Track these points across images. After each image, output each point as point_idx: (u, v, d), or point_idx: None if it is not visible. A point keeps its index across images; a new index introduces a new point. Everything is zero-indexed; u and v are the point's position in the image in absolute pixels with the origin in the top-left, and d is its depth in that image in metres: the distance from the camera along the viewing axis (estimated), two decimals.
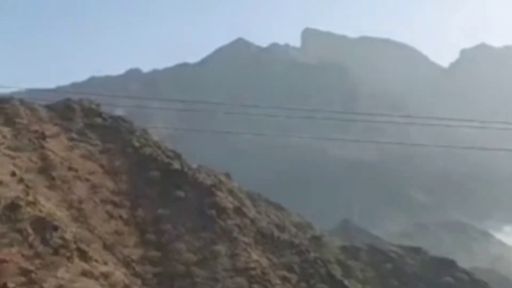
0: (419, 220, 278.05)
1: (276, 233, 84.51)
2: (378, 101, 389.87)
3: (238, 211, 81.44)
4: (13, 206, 60.81)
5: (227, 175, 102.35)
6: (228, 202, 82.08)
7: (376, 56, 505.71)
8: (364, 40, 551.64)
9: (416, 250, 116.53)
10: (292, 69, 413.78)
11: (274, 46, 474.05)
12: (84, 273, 55.71)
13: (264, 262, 73.23)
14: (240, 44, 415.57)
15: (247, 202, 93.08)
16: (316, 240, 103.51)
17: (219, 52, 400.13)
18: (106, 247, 62.89)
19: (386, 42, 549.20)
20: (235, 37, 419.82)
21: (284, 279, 72.31)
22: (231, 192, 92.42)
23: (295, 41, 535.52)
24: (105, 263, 59.31)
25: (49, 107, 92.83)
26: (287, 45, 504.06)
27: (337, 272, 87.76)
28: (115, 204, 71.62)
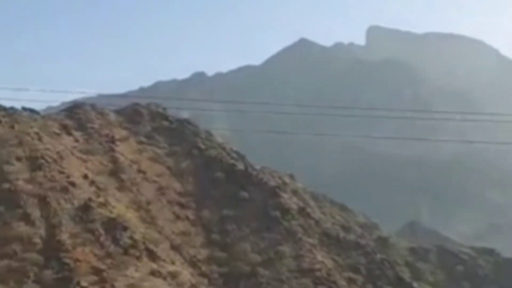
0: (492, 220, 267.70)
1: (342, 234, 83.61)
2: (446, 97, 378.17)
3: (303, 212, 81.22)
4: (86, 207, 63.54)
5: (291, 176, 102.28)
6: (292, 203, 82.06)
7: (443, 51, 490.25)
8: (430, 36, 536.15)
9: (489, 252, 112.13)
10: (357, 67, 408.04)
11: (338, 45, 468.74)
12: (153, 273, 57.37)
13: (329, 263, 72.69)
14: (303, 45, 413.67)
15: (312, 203, 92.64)
16: (383, 241, 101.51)
17: (282, 53, 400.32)
18: (173, 247, 64.40)
19: (453, 37, 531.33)
20: (297, 38, 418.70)
21: (350, 280, 71.46)
22: (295, 193, 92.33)
23: (359, 40, 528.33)
24: (173, 263, 60.78)
25: (118, 112, 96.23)
26: (351, 44, 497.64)
27: (405, 274, 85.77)
28: (181, 205, 73.24)
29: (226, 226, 72.08)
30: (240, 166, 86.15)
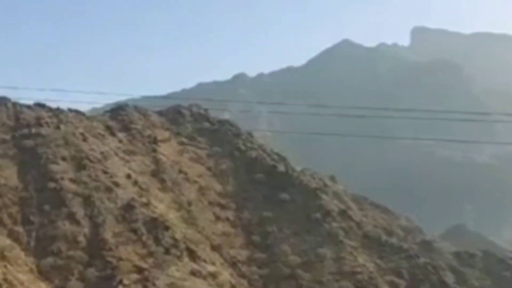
0: None
1: (384, 237, 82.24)
2: (495, 99, 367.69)
3: (344, 214, 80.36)
4: (129, 207, 64.69)
5: (332, 178, 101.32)
6: (333, 205, 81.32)
7: (492, 52, 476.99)
8: (479, 36, 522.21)
9: None
10: (401, 68, 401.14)
11: (382, 46, 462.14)
12: (193, 273, 57.86)
13: (371, 266, 71.65)
14: (345, 45, 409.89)
15: (353, 205, 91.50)
16: (427, 245, 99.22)
17: (324, 54, 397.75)
18: (214, 247, 64.78)
19: (503, 37, 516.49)
20: (340, 39, 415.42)
21: (392, 284, 70.22)
22: (336, 195, 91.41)
23: (403, 40, 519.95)
24: (213, 263, 61.13)
25: (160, 113, 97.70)
26: (395, 44, 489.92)
27: (450, 279, 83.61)
28: (222, 206, 73.64)
29: (266, 228, 72.01)
30: (281, 167, 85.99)
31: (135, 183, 70.44)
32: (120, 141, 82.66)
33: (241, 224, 71.83)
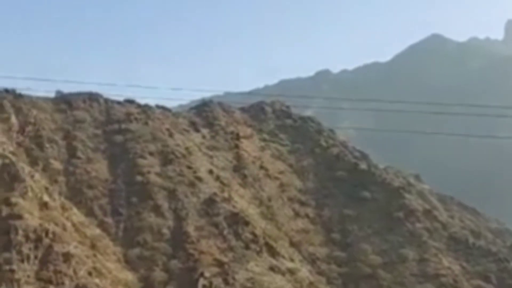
0: None
1: (471, 239, 79.02)
2: None
3: (428, 214, 78.00)
4: (210, 202, 66.30)
5: (417, 177, 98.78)
6: (417, 205, 79.18)
7: None
8: None
9: None
10: (494, 63, 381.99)
11: (473, 40, 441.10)
12: (272, 268, 58.38)
13: (457, 269, 69.12)
14: (434, 40, 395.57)
15: (439, 205, 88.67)
16: None
17: (412, 49, 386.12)
18: (293, 244, 65.03)
19: None
20: (429, 33, 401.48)
21: None
22: (421, 194, 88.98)
23: (497, 34, 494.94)
24: (292, 260, 61.36)
25: (243, 110, 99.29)
26: (487, 39, 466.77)
27: None
28: (302, 202, 73.75)
29: (347, 226, 71.34)
30: (363, 165, 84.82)
31: (217, 178, 72.03)
32: (204, 137, 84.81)
33: (321, 221, 71.61)
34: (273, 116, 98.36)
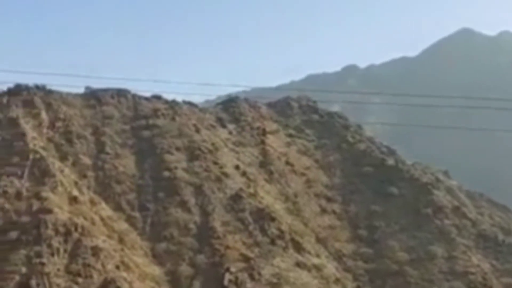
0: None
1: (501, 236, 77.67)
2: None
3: (457, 211, 76.92)
4: (237, 197, 66.54)
5: (446, 173, 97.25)
6: (446, 201, 78.11)
7: None
8: None
9: None
10: None
11: (505, 34, 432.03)
12: (298, 264, 58.36)
13: (486, 267, 68.08)
14: (464, 34, 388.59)
15: (468, 202, 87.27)
16: None
17: (441, 43, 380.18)
18: (319, 240, 64.86)
19: None
20: (459, 27, 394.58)
21: (509, 287, 66.29)
22: (449, 190, 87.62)
23: None
24: (318, 256, 61.23)
25: (270, 105, 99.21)
26: None
27: None
28: (328, 198, 73.46)
29: (374, 222, 70.81)
30: (390, 161, 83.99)
31: (244, 174, 72.20)
32: (230, 132, 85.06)
33: (347, 217, 71.24)
34: (299, 111, 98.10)
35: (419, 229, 70.51)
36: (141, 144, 75.89)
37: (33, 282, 48.35)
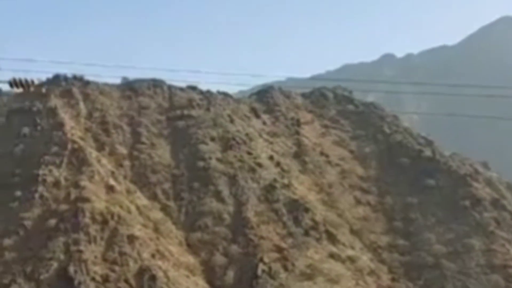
0: None
1: None
2: None
3: (496, 203, 74.97)
4: (271, 188, 66.51)
5: (485, 164, 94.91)
6: (484, 193, 76.22)
7: None
8: None
9: None
10: None
11: None
12: (332, 255, 58.01)
13: None
14: (504, 22, 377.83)
15: (508, 195, 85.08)
16: None
17: (482, 32, 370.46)
18: (353, 231, 64.27)
19: None
20: (499, 15, 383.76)
21: None
22: (488, 182, 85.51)
23: None
24: (352, 248, 60.72)
25: (304, 95, 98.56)
26: None
27: None
28: (363, 190, 72.64)
29: (410, 214, 69.71)
30: (427, 152, 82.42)
31: (278, 164, 72.07)
32: (264, 123, 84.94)
33: (382, 209, 70.34)
34: (334, 101, 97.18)
35: (457, 222, 69.08)
36: (176, 134, 76.55)
37: (71, 269, 49.53)
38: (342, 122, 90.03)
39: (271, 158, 73.07)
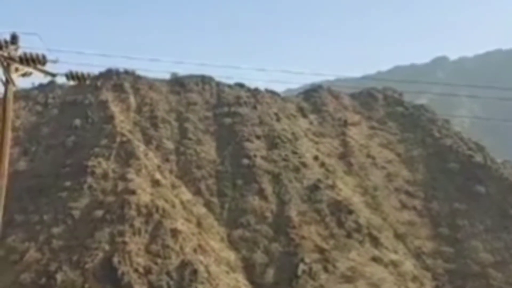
0: None
1: None
2: None
3: None
4: (314, 188, 66.10)
5: None
6: None
7: None
8: None
9: None
10: None
11: None
12: (374, 259, 57.20)
13: None
14: None
15: None
16: None
17: None
18: (397, 236, 63.19)
19: None
20: None
21: None
22: None
23: None
24: (395, 252, 59.72)
25: (353, 96, 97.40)
26: None
27: None
28: (409, 194, 71.30)
29: (457, 221, 68.02)
30: (478, 158, 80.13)
31: (322, 164, 71.58)
32: (311, 122, 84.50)
33: (429, 214, 68.86)
34: (383, 103, 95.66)
35: (506, 231, 67.05)
36: (222, 131, 77.09)
37: (115, 259, 50.66)
38: (390, 124, 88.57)
39: (316, 158, 72.64)
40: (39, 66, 11.76)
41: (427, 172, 76.57)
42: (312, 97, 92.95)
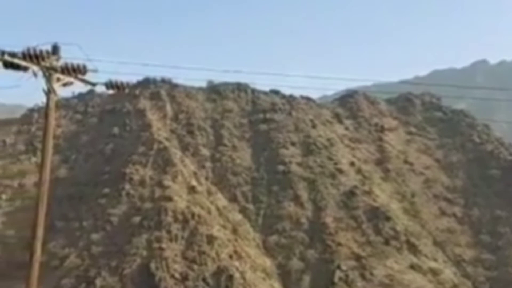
0: None
1: None
2: None
3: None
4: (350, 194, 65.53)
5: None
6: None
7: None
8: None
9: None
10: None
11: None
12: (413, 266, 56.27)
13: None
14: None
15: None
16: None
17: None
18: (436, 243, 62.03)
19: None
20: None
21: None
22: None
23: None
24: (435, 260, 58.61)
25: (389, 101, 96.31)
26: None
27: None
28: (448, 200, 69.95)
29: (498, 228, 66.36)
30: None
31: (359, 171, 70.93)
32: (347, 128, 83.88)
33: (469, 221, 67.38)
34: (421, 108, 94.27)
35: None
36: (257, 138, 77.27)
37: (152, 265, 51.22)
38: (428, 130, 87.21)
39: (352, 164, 72.03)
40: (79, 76, 12.06)
41: (467, 178, 75.00)
42: (348, 103, 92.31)
